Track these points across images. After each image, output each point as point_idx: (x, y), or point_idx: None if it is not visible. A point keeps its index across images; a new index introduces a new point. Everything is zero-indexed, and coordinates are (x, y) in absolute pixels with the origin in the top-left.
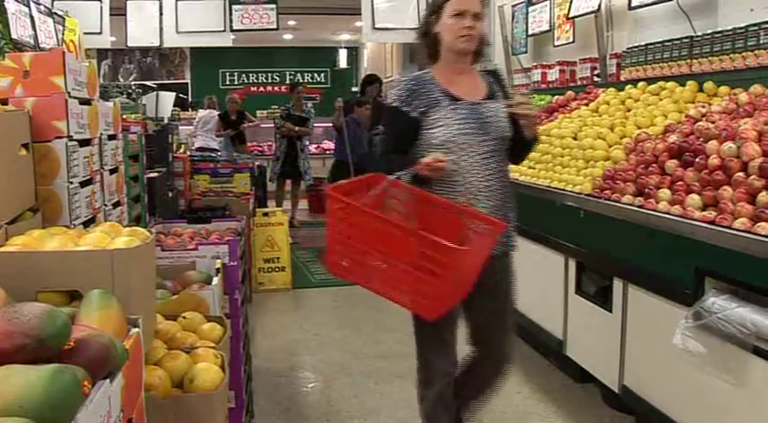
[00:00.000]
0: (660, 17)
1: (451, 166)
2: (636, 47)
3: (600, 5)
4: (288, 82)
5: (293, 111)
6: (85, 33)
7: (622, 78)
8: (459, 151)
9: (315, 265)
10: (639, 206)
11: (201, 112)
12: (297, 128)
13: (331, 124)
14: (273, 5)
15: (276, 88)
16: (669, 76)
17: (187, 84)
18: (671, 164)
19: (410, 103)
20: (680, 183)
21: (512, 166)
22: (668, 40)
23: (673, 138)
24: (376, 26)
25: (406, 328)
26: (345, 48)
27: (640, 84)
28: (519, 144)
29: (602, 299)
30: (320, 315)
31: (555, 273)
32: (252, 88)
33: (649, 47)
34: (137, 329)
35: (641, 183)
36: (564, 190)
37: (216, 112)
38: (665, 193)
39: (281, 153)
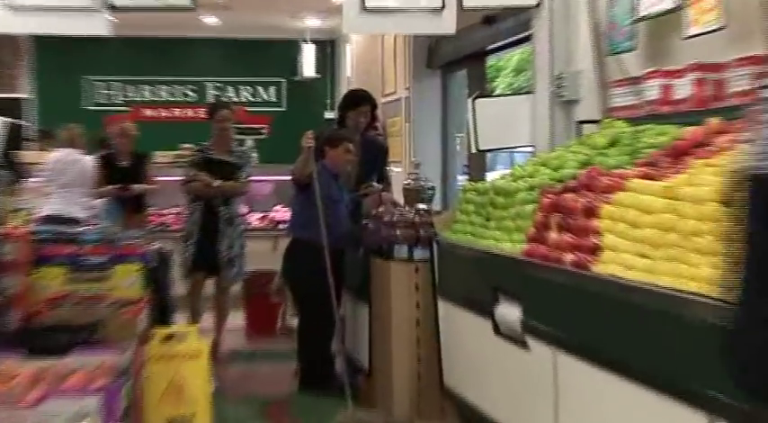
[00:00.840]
0: None
1: None
2: None
3: None
4: (209, 101)
5: (212, 152)
6: None
7: None
8: None
9: None
10: None
11: (55, 155)
12: (217, 182)
13: (290, 176)
14: None
15: (189, 112)
16: None
17: (25, 101)
18: None
19: None
20: None
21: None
22: None
23: None
24: (367, 6)
25: None
26: (313, 43)
27: None
28: None
29: None
30: None
31: None
32: (145, 111)
33: None
34: None
35: None
36: (700, 295)
37: (79, 155)
38: None
39: (192, 227)
